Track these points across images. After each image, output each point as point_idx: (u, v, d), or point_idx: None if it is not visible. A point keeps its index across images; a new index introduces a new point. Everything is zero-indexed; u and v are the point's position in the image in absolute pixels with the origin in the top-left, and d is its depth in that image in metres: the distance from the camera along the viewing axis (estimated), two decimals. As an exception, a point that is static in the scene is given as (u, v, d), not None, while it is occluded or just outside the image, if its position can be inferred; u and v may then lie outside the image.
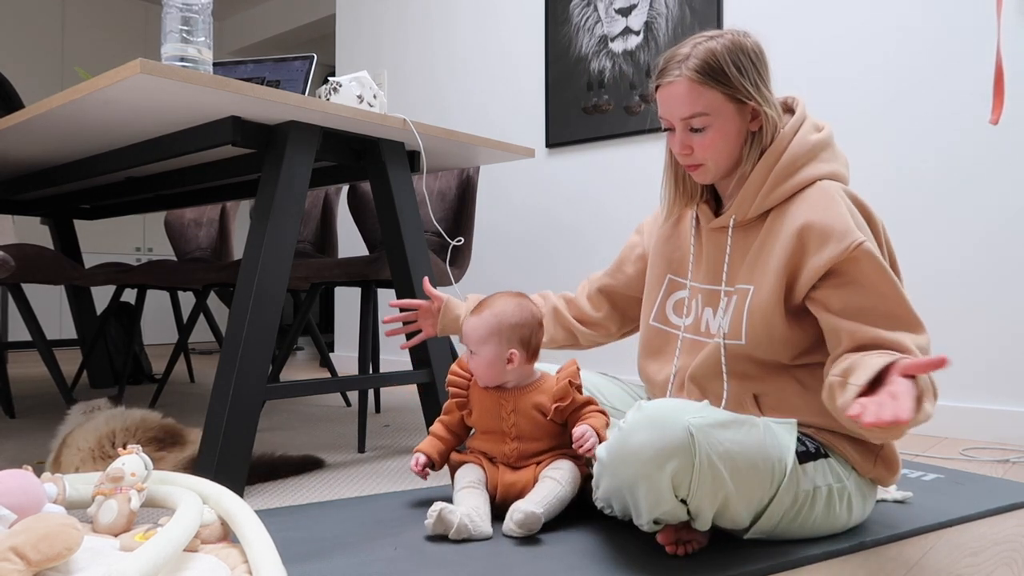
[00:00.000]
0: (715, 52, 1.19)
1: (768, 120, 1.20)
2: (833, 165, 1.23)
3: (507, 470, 1.28)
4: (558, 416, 1.29)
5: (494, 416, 1.31)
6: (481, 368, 1.31)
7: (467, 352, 1.34)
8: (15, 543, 0.78)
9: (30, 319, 2.39)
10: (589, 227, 2.98)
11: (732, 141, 1.22)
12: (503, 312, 1.32)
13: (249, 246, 1.58)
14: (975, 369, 2.11)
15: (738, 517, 1.07)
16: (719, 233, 1.29)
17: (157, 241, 6.00)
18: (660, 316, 1.38)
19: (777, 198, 1.21)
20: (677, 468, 0.99)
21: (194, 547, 0.96)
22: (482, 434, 1.33)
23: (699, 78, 1.18)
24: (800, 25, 2.45)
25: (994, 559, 1.13)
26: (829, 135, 1.25)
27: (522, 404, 1.30)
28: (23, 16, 5.32)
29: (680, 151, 1.23)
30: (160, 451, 1.53)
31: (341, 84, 1.75)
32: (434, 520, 1.15)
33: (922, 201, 2.21)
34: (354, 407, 2.71)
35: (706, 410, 1.05)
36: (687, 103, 1.19)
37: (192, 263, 2.88)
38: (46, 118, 1.63)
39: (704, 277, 1.31)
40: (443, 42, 3.51)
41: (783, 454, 1.08)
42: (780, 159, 1.20)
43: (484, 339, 1.30)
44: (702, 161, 1.23)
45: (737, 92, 1.19)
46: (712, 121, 1.20)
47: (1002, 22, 2.04)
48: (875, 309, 1.10)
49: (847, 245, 1.10)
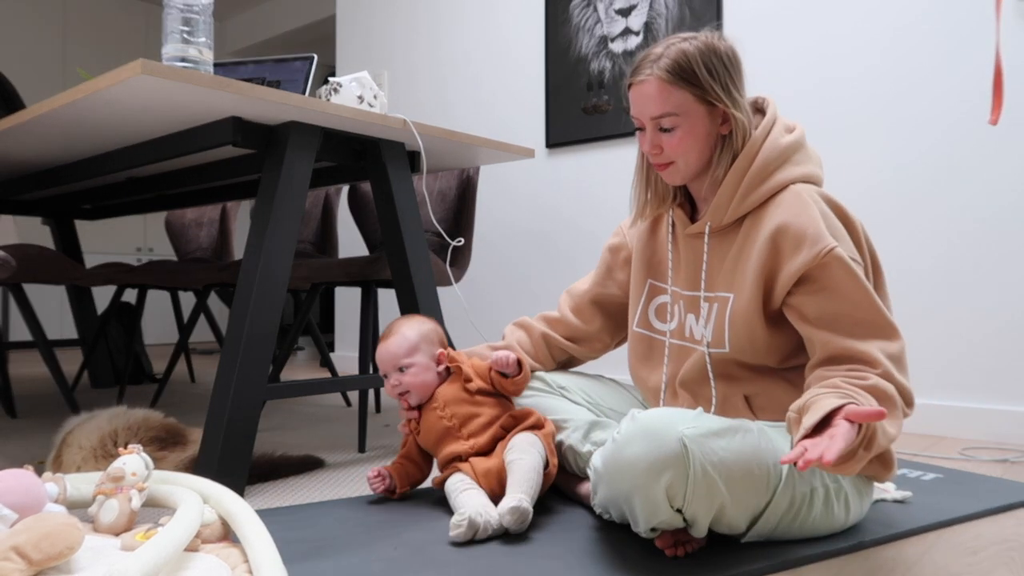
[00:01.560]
0: (687, 53, 1.20)
1: (738, 124, 1.21)
2: (806, 167, 1.23)
3: (479, 460, 1.31)
4: (484, 379, 1.37)
5: (434, 422, 1.36)
6: (418, 377, 1.37)
7: (391, 375, 1.38)
8: (16, 542, 0.78)
9: (31, 319, 2.39)
10: (589, 227, 2.98)
11: (701, 142, 1.22)
12: (411, 326, 1.41)
13: (249, 246, 1.58)
14: (974, 369, 2.11)
15: (735, 523, 1.07)
16: (696, 239, 1.30)
17: (158, 241, 6.00)
18: (643, 322, 1.38)
19: (751, 204, 1.21)
20: (671, 479, 0.99)
21: (195, 547, 0.96)
22: (437, 445, 1.37)
23: (669, 78, 1.19)
24: (800, 25, 2.45)
25: (993, 558, 1.13)
26: (801, 136, 1.25)
27: (446, 394, 1.36)
28: (24, 17, 5.33)
29: (650, 150, 1.24)
30: (161, 451, 1.53)
31: (341, 84, 1.75)
32: (464, 529, 1.15)
33: (921, 200, 2.21)
34: (354, 407, 2.71)
35: (700, 419, 1.04)
36: (657, 102, 1.20)
37: (193, 263, 2.88)
38: (47, 119, 1.63)
39: (684, 282, 1.31)
40: (443, 42, 3.51)
41: (778, 458, 1.08)
42: (752, 164, 1.21)
43: (406, 354, 1.37)
44: (671, 159, 1.24)
45: (707, 94, 1.19)
46: (681, 122, 1.21)
47: (1001, 22, 2.04)
48: (848, 316, 1.11)
49: (818, 251, 1.11)
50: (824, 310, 1.12)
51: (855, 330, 1.10)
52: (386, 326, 1.43)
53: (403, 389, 1.37)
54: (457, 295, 3.25)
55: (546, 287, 3.11)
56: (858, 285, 1.11)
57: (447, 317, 3.36)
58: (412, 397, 1.38)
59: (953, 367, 2.15)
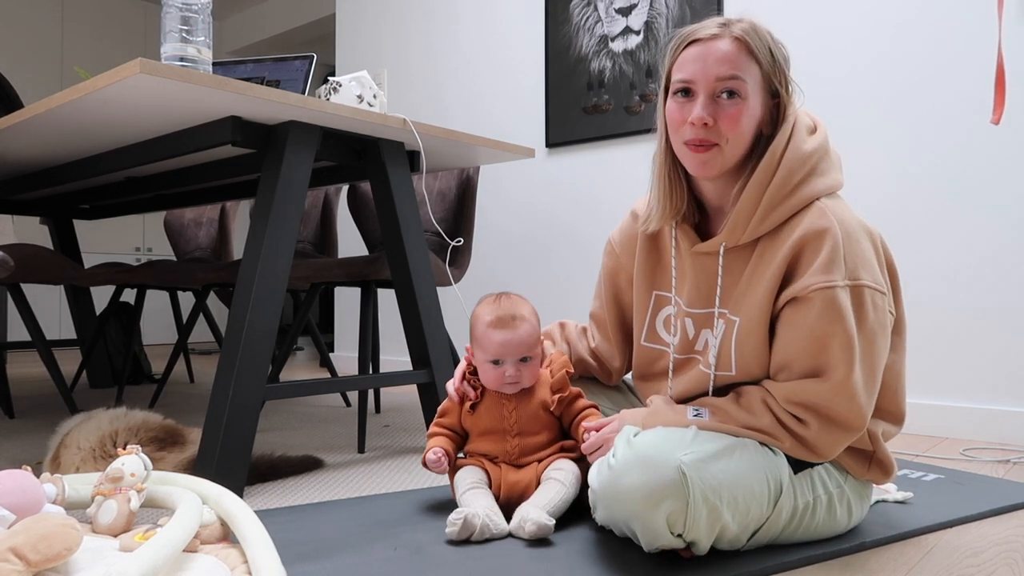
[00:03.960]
0: (760, 31, 1.11)
1: (787, 119, 1.11)
2: (830, 176, 1.13)
3: (510, 469, 1.28)
4: (558, 408, 1.30)
5: (496, 416, 1.31)
6: (535, 371, 1.31)
7: (507, 364, 1.28)
8: (14, 543, 0.78)
9: (29, 319, 2.38)
10: (589, 227, 2.98)
11: (754, 126, 1.11)
12: (531, 313, 1.32)
13: (249, 246, 1.58)
14: (975, 369, 2.11)
15: (735, 539, 1.05)
16: (706, 257, 1.19)
17: (157, 241, 6.00)
18: (651, 335, 1.30)
19: (772, 223, 1.10)
20: (671, 508, 0.97)
21: (194, 547, 0.96)
22: (481, 435, 1.33)
23: (748, 43, 1.09)
24: (801, 26, 2.44)
25: (995, 559, 1.12)
26: (824, 137, 1.15)
27: (524, 402, 1.31)
28: (22, 16, 5.32)
29: (698, 121, 1.09)
30: (160, 451, 1.53)
31: (341, 84, 1.75)
32: (460, 527, 1.14)
33: (923, 202, 2.21)
34: (354, 407, 2.70)
35: (697, 442, 1.02)
36: (729, 62, 1.08)
37: (192, 263, 2.88)
38: (45, 118, 1.63)
39: (690, 299, 1.22)
40: (443, 42, 3.51)
41: (778, 472, 1.07)
42: (774, 176, 1.10)
43: (534, 344, 1.30)
44: (718, 140, 1.10)
45: (775, 76, 1.10)
46: (747, 92, 1.09)
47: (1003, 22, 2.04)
48: (796, 356, 1.09)
49: (817, 283, 1.05)
50: (787, 339, 1.09)
51: (797, 366, 1.08)
52: (495, 304, 1.31)
53: (515, 380, 1.28)
54: (457, 295, 3.24)
55: (546, 287, 3.11)
56: (826, 327, 1.04)
57: (447, 317, 3.35)
58: (523, 382, 1.30)
59: (954, 367, 2.15)
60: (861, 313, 1.06)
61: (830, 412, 1.06)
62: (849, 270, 1.05)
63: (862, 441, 1.15)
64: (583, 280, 2.99)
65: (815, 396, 1.06)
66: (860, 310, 1.06)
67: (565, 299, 3.04)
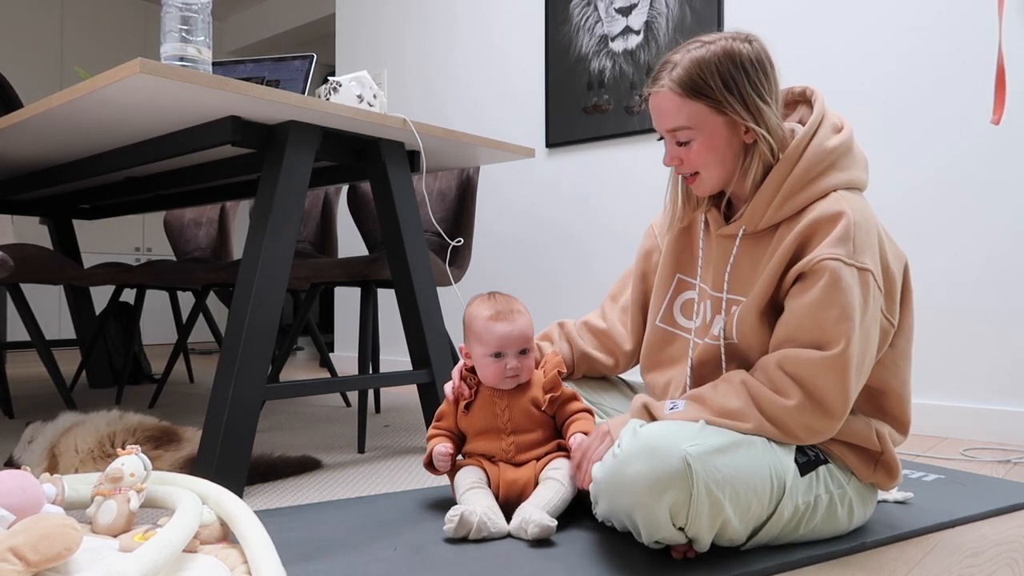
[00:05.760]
0: (702, 63, 1.13)
1: (760, 137, 1.14)
2: (851, 172, 1.16)
3: (508, 468, 1.29)
4: (550, 408, 1.32)
5: (489, 414, 1.32)
6: (531, 365, 1.34)
7: (509, 356, 1.30)
8: (14, 543, 0.78)
9: (29, 319, 2.38)
10: (589, 227, 2.98)
11: (721, 153, 1.16)
12: (525, 307, 1.36)
13: (249, 246, 1.57)
14: (976, 369, 2.11)
15: (736, 536, 1.06)
16: (728, 240, 1.23)
17: (156, 241, 6.00)
18: (667, 317, 1.32)
19: (789, 210, 1.14)
20: (675, 499, 0.97)
21: (193, 547, 0.96)
22: (477, 435, 1.34)
23: (680, 91, 1.14)
24: (802, 27, 2.44)
25: (995, 560, 1.12)
26: (849, 137, 1.17)
27: (516, 399, 1.32)
28: (22, 16, 5.32)
29: (669, 162, 1.20)
30: (157, 450, 1.53)
31: (341, 84, 1.75)
32: (456, 524, 1.14)
33: (925, 205, 2.21)
34: (354, 407, 2.70)
35: (703, 435, 1.02)
36: (670, 115, 1.16)
37: (192, 263, 2.88)
38: (45, 118, 1.63)
39: (712, 282, 1.26)
40: (443, 42, 3.51)
41: (783, 472, 1.07)
42: (794, 169, 1.14)
43: (532, 336, 1.34)
44: (694, 171, 1.19)
45: (722, 106, 1.13)
46: (696, 135, 1.15)
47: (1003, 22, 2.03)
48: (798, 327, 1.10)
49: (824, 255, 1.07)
50: (791, 312, 1.10)
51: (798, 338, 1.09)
52: (491, 301, 1.36)
53: (516, 373, 1.30)
54: (457, 295, 3.24)
55: (546, 287, 3.10)
56: (830, 299, 1.06)
57: (447, 317, 3.35)
58: (522, 376, 1.32)
59: (954, 367, 2.15)
60: (865, 296, 1.08)
61: (816, 389, 1.07)
62: (857, 253, 1.08)
63: (870, 441, 1.15)
64: (583, 280, 2.99)
65: (807, 367, 1.07)
66: (864, 293, 1.08)
67: (565, 299, 3.04)
